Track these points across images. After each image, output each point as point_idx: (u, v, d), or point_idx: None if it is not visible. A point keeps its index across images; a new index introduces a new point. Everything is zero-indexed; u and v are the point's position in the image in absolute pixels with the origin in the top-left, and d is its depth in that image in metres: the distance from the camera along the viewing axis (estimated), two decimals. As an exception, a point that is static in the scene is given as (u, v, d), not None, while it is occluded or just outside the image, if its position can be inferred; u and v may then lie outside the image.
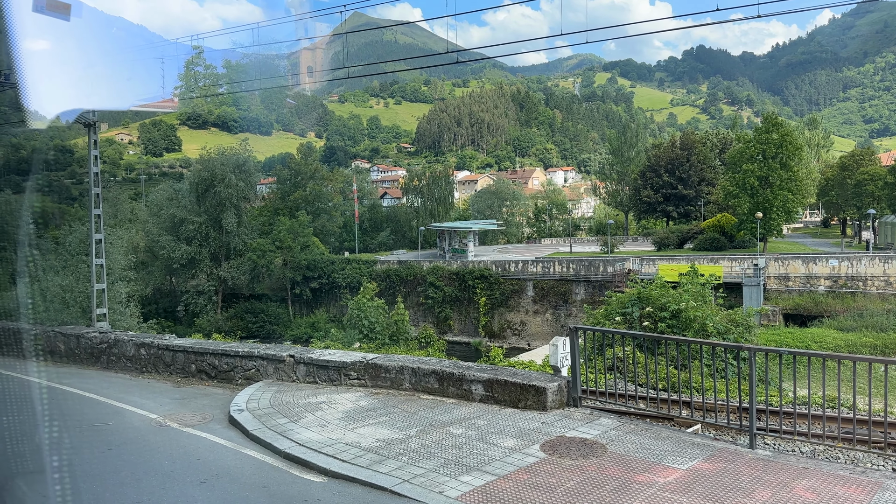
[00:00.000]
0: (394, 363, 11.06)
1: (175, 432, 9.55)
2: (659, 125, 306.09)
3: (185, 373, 13.37)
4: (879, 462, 9.55)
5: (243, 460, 8.21)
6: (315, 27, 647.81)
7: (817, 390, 13.03)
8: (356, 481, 7.17)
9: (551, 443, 8.12)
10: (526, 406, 9.63)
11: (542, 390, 9.52)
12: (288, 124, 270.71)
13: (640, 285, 21.01)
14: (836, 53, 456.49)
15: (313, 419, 9.48)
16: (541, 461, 7.51)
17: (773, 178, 55.05)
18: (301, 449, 8.20)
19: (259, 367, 12.32)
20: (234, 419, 9.76)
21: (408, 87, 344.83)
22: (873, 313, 37.58)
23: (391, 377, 11.03)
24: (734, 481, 6.92)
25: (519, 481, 6.91)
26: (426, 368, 10.69)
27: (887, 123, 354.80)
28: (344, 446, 8.21)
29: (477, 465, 7.39)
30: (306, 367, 11.83)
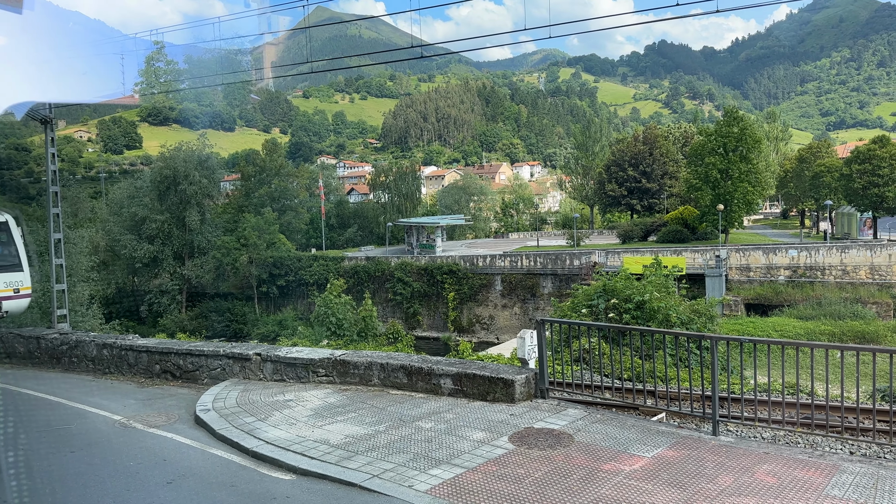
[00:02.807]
0: (362, 359, 11.03)
1: (140, 433, 9.40)
2: (622, 120, 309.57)
3: (149, 373, 13.16)
4: (837, 446, 9.83)
5: (210, 460, 8.12)
6: (278, 22, 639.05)
7: (777, 377, 13.36)
8: (325, 478, 7.15)
9: (519, 434, 8.19)
10: (494, 399, 9.70)
11: (511, 383, 9.59)
12: (252, 120, 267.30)
13: (605, 278, 21.27)
14: (793, 48, 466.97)
15: (281, 417, 9.42)
16: (509, 452, 7.58)
17: (733, 171, 56.14)
18: (269, 447, 8.14)
19: (225, 367, 12.18)
20: (200, 419, 9.64)
21: (373, 82, 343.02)
22: (831, 302, 38.63)
23: (360, 373, 11.00)
24: (698, 468, 7.06)
25: (488, 473, 6.97)
26: (395, 364, 10.69)
27: (843, 116, 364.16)
28: (313, 443, 8.17)
29: (446, 459, 7.43)
30: (273, 364, 11.73)
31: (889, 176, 56.05)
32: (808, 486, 6.55)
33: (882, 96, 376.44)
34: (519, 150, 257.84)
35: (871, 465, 7.20)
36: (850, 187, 58.88)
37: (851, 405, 10.94)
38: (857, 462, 7.36)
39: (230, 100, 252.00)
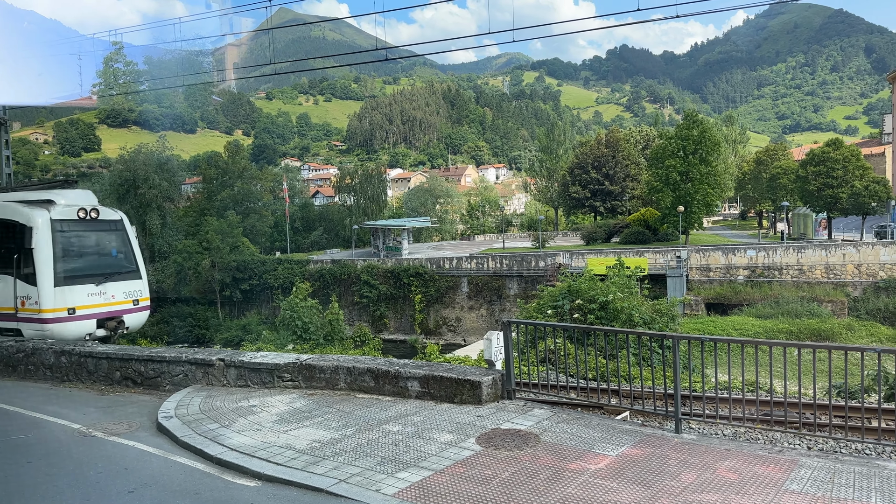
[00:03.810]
0: (328, 363, 10.96)
1: (100, 442, 9.20)
2: (585, 123, 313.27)
3: (109, 380, 12.88)
4: (795, 441, 10.09)
5: (173, 468, 7.99)
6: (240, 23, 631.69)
7: (738, 375, 13.65)
8: (291, 484, 7.08)
9: (486, 435, 8.23)
10: (462, 401, 9.72)
11: (477, 384, 9.63)
12: (214, 122, 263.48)
13: (570, 279, 21.49)
14: (750, 53, 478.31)
15: (246, 423, 9.30)
16: (476, 454, 7.61)
17: (693, 173, 57.21)
18: (233, 454, 8.03)
19: (188, 373, 11.98)
20: (162, 426, 9.47)
21: (338, 84, 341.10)
22: (788, 300, 39.64)
23: (326, 377, 10.93)
24: (661, 465, 7.18)
25: (455, 475, 6.98)
26: (361, 367, 10.65)
27: (798, 120, 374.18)
28: (278, 449, 8.09)
29: (414, 461, 7.43)
30: (237, 370, 11.59)
31: (842, 178, 57.72)
32: (768, 481, 6.71)
33: (835, 100, 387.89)
34: (484, 153, 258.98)
35: (827, 460, 7.40)
36: (806, 189, 60.46)
37: (809, 401, 11.24)
38: (815, 457, 7.56)
39: (191, 101, 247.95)
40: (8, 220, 15.71)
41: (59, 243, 15.37)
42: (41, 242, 15.05)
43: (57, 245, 15.29)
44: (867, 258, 43.05)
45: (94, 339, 15.62)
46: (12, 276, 15.37)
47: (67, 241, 15.77)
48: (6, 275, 15.52)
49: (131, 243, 17.06)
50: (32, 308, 15.02)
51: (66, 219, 15.79)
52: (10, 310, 15.42)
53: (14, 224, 15.42)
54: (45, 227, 15.17)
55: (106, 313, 15.88)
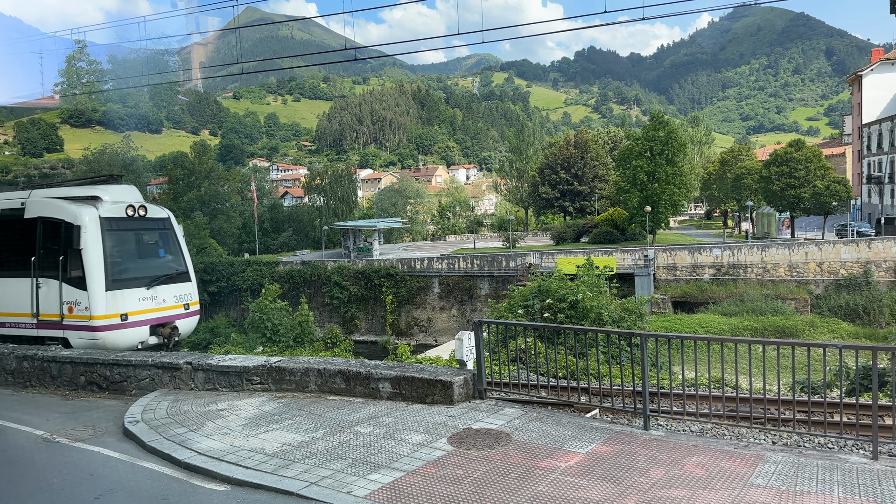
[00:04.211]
0: (298, 365, 10.88)
1: (65, 448, 9.00)
2: (554, 124, 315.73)
3: (73, 385, 12.60)
4: (761, 436, 10.29)
5: (140, 473, 7.85)
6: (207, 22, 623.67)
7: (704, 372, 13.88)
8: (261, 487, 7.01)
9: (458, 435, 8.25)
10: (433, 401, 9.72)
11: (449, 384, 9.64)
12: (180, 122, 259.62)
13: (540, 278, 21.64)
14: (715, 55, 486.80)
15: (214, 427, 9.19)
16: (448, 454, 7.62)
17: (660, 174, 58.04)
18: (202, 458, 7.92)
19: (154, 377, 11.79)
20: (128, 431, 9.30)
21: (306, 83, 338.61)
22: (753, 298, 40.42)
23: (296, 380, 10.84)
24: (631, 462, 7.27)
25: (427, 475, 6.98)
26: (332, 369, 10.59)
27: (762, 121, 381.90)
28: (248, 453, 8.01)
29: (385, 463, 7.41)
30: (205, 373, 11.43)
31: (804, 178, 59.03)
32: (735, 476, 6.83)
33: (797, 102, 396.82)
34: (455, 154, 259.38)
35: (791, 454, 7.57)
36: (769, 189, 61.71)
37: (773, 397, 11.47)
38: (779, 451, 7.72)
39: (157, 101, 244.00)
40: (51, 218, 14.44)
41: (109, 243, 14.16)
42: (90, 242, 13.82)
43: (107, 245, 14.08)
44: (829, 256, 44.10)
45: (147, 347, 14.61)
46: (57, 280, 14.12)
47: (117, 241, 14.63)
48: (49, 278, 14.29)
49: (180, 243, 16.02)
50: (81, 315, 13.78)
51: (115, 217, 14.56)
52: (54, 317, 14.20)
53: (58, 223, 14.18)
54: (95, 226, 13.95)
55: (158, 319, 14.77)
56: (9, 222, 15.21)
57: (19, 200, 15.14)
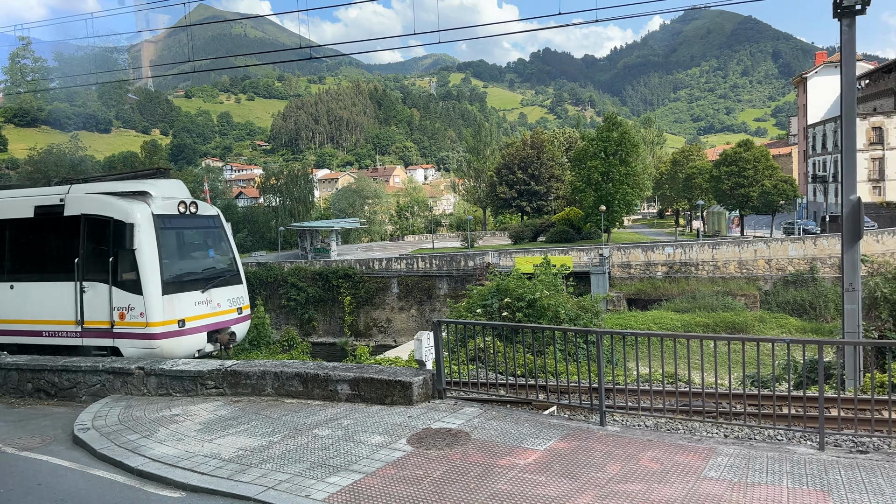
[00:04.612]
0: (254, 368, 10.72)
1: (11, 457, 8.69)
2: (511, 124, 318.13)
3: (19, 392, 12.17)
4: (713, 430, 10.52)
5: (92, 482, 7.63)
6: (157, 19, 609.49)
7: (659, 368, 14.14)
8: (217, 493, 6.89)
9: (418, 436, 8.23)
10: (392, 402, 9.69)
11: (408, 385, 9.62)
12: (130, 121, 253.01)
13: (498, 278, 21.77)
14: (666, 57, 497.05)
15: (168, 433, 8.98)
16: (408, 454, 7.60)
17: (614, 174, 59.00)
18: (156, 465, 7.74)
19: (105, 382, 11.47)
20: (78, 439, 9.03)
21: (260, 82, 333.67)
22: (704, 295, 41.42)
23: (252, 383, 10.68)
24: (588, 458, 7.37)
25: (386, 476, 6.95)
26: (289, 372, 10.46)
27: (712, 122, 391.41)
28: (203, 458, 7.85)
29: (344, 465, 7.35)
30: (158, 378, 11.17)
31: (753, 177, 60.73)
32: (689, 469, 6.98)
33: (745, 103, 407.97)
34: (412, 154, 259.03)
35: (743, 447, 7.77)
36: (719, 188, 63.29)
37: (725, 391, 11.76)
38: (731, 444, 7.92)
39: (105, 100, 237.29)
40: (98, 216, 13.13)
41: (163, 243, 13.01)
42: (145, 242, 12.67)
43: (162, 245, 12.94)
44: (777, 254, 45.45)
45: (204, 354, 13.62)
46: (106, 284, 12.87)
47: (171, 240, 13.48)
48: (96, 282, 13.02)
49: (230, 243, 14.98)
50: (136, 321, 12.63)
51: (167, 214, 13.38)
52: (102, 324, 12.93)
53: (106, 221, 12.97)
54: (148, 224, 12.80)
55: (214, 325, 13.65)
56: (46, 220, 13.87)
57: (57, 196, 13.78)
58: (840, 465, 6.99)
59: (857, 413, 8.76)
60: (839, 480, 6.53)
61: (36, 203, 14.01)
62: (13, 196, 14.81)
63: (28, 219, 13.99)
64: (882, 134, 70.01)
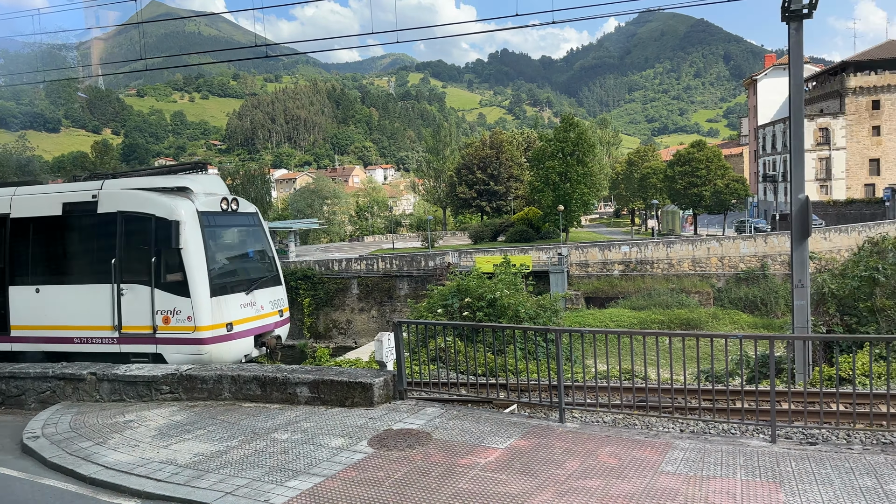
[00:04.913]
0: (211, 373, 10.53)
1: (-48, 471, 8.35)
2: (470, 124, 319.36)
3: (-38, 402, 11.72)
4: (669, 425, 10.72)
5: (42, 491, 7.39)
6: (107, 16, 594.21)
7: (616, 364, 14.35)
8: (173, 500, 6.74)
9: (379, 437, 8.20)
10: (353, 404, 9.63)
11: (369, 386, 9.57)
12: (79, 120, 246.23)
13: (459, 278, 21.83)
14: (621, 59, 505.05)
15: (122, 439, 8.76)
16: (369, 456, 7.56)
17: (571, 174, 59.76)
18: (109, 472, 7.54)
19: (56, 389, 11.12)
20: (28, 447, 8.75)
21: (215, 81, 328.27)
22: (660, 292, 42.21)
23: (208, 388, 10.49)
24: (548, 455, 7.44)
25: (347, 479, 6.91)
26: (247, 375, 10.31)
27: (666, 123, 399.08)
28: (158, 465, 7.68)
29: (304, 469, 7.28)
30: (111, 384, 10.88)
31: (706, 177, 62.10)
32: (646, 464, 7.11)
33: (698, 104, 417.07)
34: (372, 154, 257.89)
35: (698, 441, 7.94)
36: (673, 188, 64.57)
37: (680, 387, 12.01)
38: (687, 439, 8.09)
39: (54, 98, 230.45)
40: (137, 213, 12.28)
41: (208, 242, 12.23)
42: (191, 240, 11.88)
43: (207, 244, 12.17)
44: (729, 251, 46.58)
45: (251, 360, 12.86)
46: (147, 286, 12.03)
47: (216, 239, 12.67)
48: (136, 284, 12.16)
49: (270, 242, 14.30)
50: (182, 325, 11.84)
51: (211, 211, 12.61)
52: (142, 329, 12.14)
53: (147, 218, 12.14)
54: (194, 222, 12.05)
55: (259, 328, 12.90)
56: (76, 218, 12.92)
57: (89, 192, 12.82)
58: (791, 456, 7.20)
59: (806, 406, 9.04)
60: (790, 472, 6.72)
61: (64, 200, 12.99)
62: (37, 192, 13.84)
63: (54, 217, 12.97)
64: (828, 134, 72.41)
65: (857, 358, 13.84)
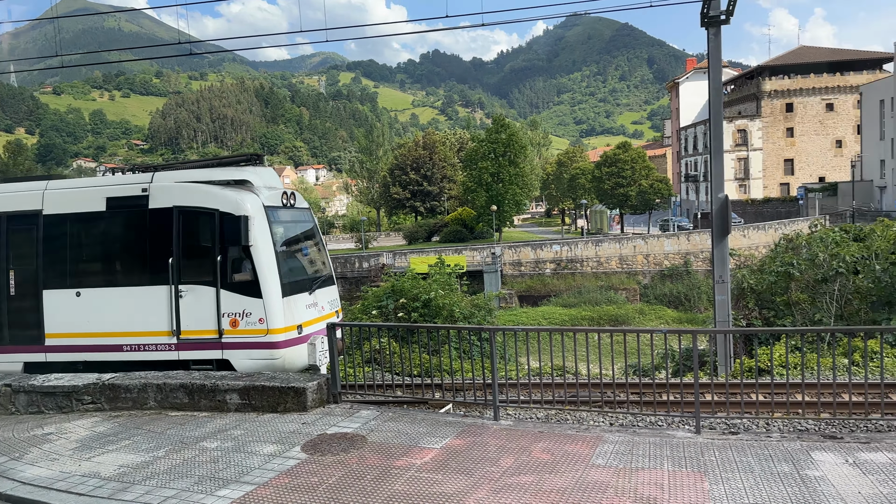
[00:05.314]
0: (135, 381, 10.15)
1: None
2: (403, 125, 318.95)
3: None
4: (599, 419, 11.00)
5: (-52, 515, 6.96)
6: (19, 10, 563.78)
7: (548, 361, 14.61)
8: (97, 515, 6.47)
9: (312, 442, 8.09)
10: (286, 409, 9.47)
11: (302, 391, 9.43)
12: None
13: (393, 279, 21.74)
14: (550, 61, 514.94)
15: (41, 453, 8.34)
16: (302, 462, 7.45)
17: (503, 174, 60.55)
18: (27, 488, 7.16)
19: (-36, 404, 10.49)
20: (-68, 468, 8.21)
21: (137, 78, 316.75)
22: (590, 290, 43.25)
23: (133, 397, 10.11)
24: (482, 453, 7.51)
25: (280, 486, 6.78)
26: (173, 383, 9.98)
27: (593, 124, 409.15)
28: (80, 478, 7.35)
29: (235, 477, 7.10)
30: (28, 395, 10.35)
31: (631, 178, 64.02)
32: (577, 458, 7.26)
33: (624, 107, 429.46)
34: (303, 154, 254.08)
35: (627, 434, 8.17)
36: (601, 188, 66.28)
37: (609, 381, 12.34)
38: (616, 432, 8.31)
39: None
40: (197, 208, 11.33)
41: (276, 239, 11.40)
42: (261, 237, 11.05)
43: (275, 241, 11.35)
44: (654, 249, 48.16)
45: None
46: (211, 287, 11.12)
47: (281, 235, 11.76)
48: (197, 284, 11.24)
49: (322, 240, 13.30)
50: (253, 328, 10.96)
51: (274, 206, 11.77)
52: (206, 333, 11.17)
53: (209, 213, 11.22)
54: (262, 217, 11.20)
55: (322, 331, 11.87)
56: (124, 214, 11.87)
57: (139, 186, 11.76)
58: (714, 446, 7.50)
59: (728, 397, 9.44)
60: (714, 461, 7.00)
61: (108, 194, 11.88)
62: (74, 187, 12.71)
63: (97, 213, 11.87)
64: (746, 136, 75.83)
65: (775, 350, 14.55)
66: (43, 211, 12.07)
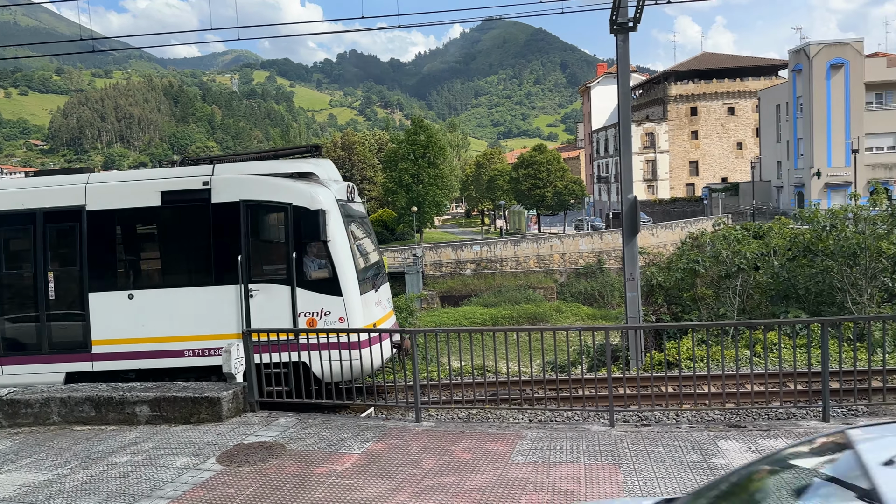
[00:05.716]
0: (36, 396, 9.58)
1: None
2: (321, 125, 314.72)
3: None
4: (519, 416, 11.20)
5: None
6: None
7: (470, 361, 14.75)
8: (-7, 541, 6.07)
9: (228, 453, 7.86)
10: (199, 420, 9.16)
11: (217, 400, 9.15)
12: None
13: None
14: (467, 64, 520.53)
15: (-73, 479, 7.74)
16: (217, 474, 7.23)
17: (423, 176, 60.72)
18: (-90, 519, 6.64)
19: None
20: None
21: (35, 75, 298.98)
22: (509, 289, 43.96)
23: (34, 412, 9.54)
24: (404, 455, 7.50)
25: (194, 499, 6.56)
26: (78, 396, 9.48)
27: (510, 127, 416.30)
28: (-27, 503, 6.87)
29: (146, 492, 6.82)
30: (-88, 416, 9.58)
31: (547, 179, 65.51)
32: (498, 456, 7.37)
33: (539, 110, 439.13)
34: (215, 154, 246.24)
35: (545, 430, 8.36)
36: (518, 189, 67.51)
37: (528, 378, 12.59)
38: (535, 429, 8.49)
39: None
40: (268, 202, 10.61)
41: (349, 234, 10.77)
42: (338, 232, 10.40)
43: (349, 236, 10.71)
44: (569, 248, 49.45)
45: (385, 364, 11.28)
46: (285, 285, 10.43)
47: (352, 231, 11.10)
48: (270, 283, 10.54)
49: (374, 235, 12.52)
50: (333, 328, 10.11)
51: (342, 199, 11.17)
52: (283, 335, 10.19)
53: (282, 208, 10.50)
54: (336, 211, 10.55)
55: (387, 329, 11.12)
56: (182, 209, 10.98)
57: (198, 179, 10.92)
58: (628, 438, 7.78)
59: (640, 390, 9.81)
60: (627, 453, 7.26)
61: (163, 188, 10.98)
62: (123, 180, 11.66)
63: (151, 208, 11.01)
64: (654, 139, 79.00)
65: (683, 343, 15.25)
66: (87, 206, 11.07)
